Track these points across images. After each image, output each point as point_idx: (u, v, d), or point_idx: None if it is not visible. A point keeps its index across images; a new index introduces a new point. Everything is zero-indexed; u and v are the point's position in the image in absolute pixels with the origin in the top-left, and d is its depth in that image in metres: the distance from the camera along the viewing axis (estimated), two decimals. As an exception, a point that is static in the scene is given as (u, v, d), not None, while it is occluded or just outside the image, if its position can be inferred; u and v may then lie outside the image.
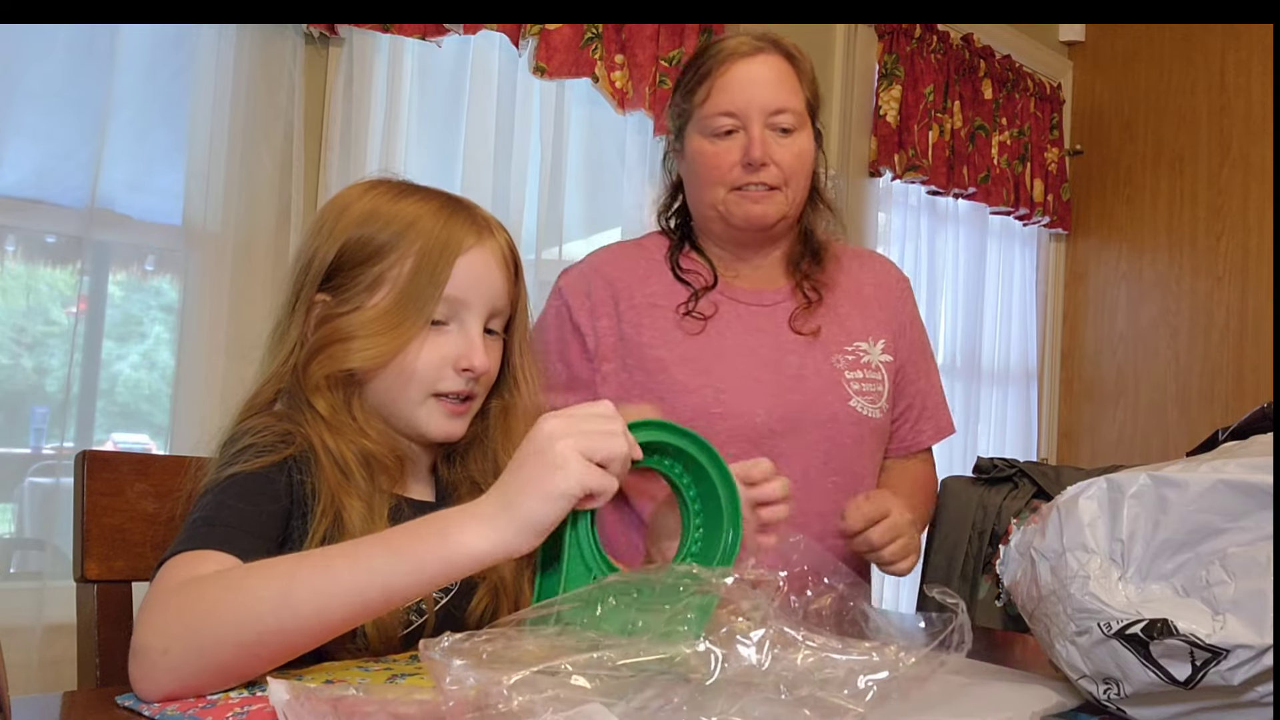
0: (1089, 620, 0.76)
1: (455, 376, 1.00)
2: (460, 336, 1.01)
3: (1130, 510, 0.78)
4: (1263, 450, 0.78)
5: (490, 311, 1.03)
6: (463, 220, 1.03)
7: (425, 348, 0.99)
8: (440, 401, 1.00)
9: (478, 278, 1.01)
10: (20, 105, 1.71)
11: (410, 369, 0.99)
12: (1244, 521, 0.74)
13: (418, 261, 0.99)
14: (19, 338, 1.76)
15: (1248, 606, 0.71)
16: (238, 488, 0.90)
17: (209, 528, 0.85)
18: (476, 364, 0.99)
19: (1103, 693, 0.77)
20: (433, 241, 1.00)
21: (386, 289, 0.98)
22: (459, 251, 1.00)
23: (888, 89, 2.81)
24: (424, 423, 1.01)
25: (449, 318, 1.01)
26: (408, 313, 0.98)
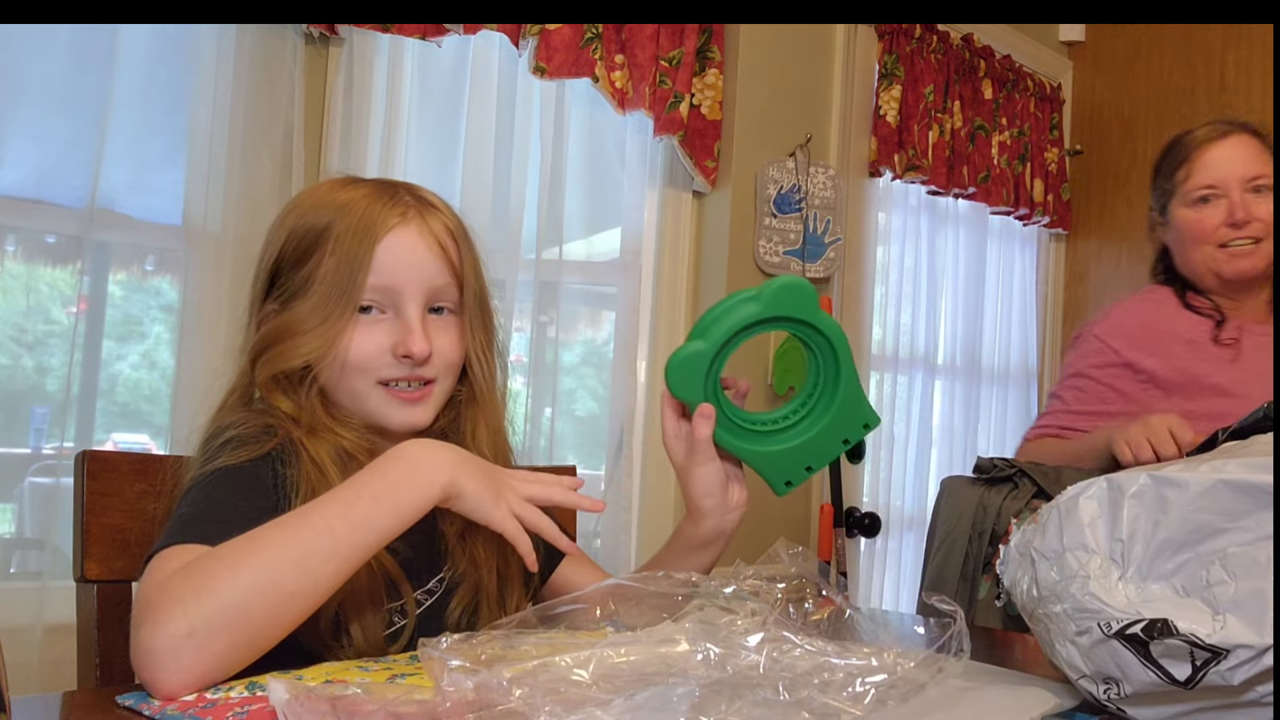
0: (1089, 620, 0.76)
1: (396, 364, 0.98)
2: (396, 322, 0.98)
3: (1130, 510, 0.78)
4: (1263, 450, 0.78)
5: (429, 293, 1.00)
6: (386, 202, 1.00)
7: (360, 337, 0.97)
8: (388, 390, 0.99)
9: (404, 260, 0.98)
10: (20, 105, 1.71)
11: (348, 360, 0.97)
12: (1244, 521, 0.74)
13: (339, 250, 0.97)
14: (19, 338, 1.76)
15: (1248, 606, 0.71)
16: (227, 482, 0.90)
17: (201, 523, 0.85)
18: (414, 349, 0.97)
19: (1103, 693, 0.77)
20: (353, 228, 0.97)
21: (317, 284, 0.97)
22: (380, 235, 0.97)
23: (888, 89, 2.81)
24: (378, 413, 0.99)
25: (383, 304, 0.98)
26: (335, 304, 0.96)
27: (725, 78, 2.43)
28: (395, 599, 0.96)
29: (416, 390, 1.00)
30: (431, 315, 1.01)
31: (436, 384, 1.01)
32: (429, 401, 1.01)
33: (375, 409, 0.99)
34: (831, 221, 2.61)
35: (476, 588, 1.01)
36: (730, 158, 2.47)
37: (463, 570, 1.02)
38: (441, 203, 1.06)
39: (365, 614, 0.92)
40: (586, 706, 0.58)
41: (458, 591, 1.01)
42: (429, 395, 1.01)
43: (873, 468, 2.90)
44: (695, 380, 1.02)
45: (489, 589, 1.02)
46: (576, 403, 2.47)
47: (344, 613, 0.91)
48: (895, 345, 2.96)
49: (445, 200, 1.07)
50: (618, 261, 2.40)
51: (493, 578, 1.02)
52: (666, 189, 2.47)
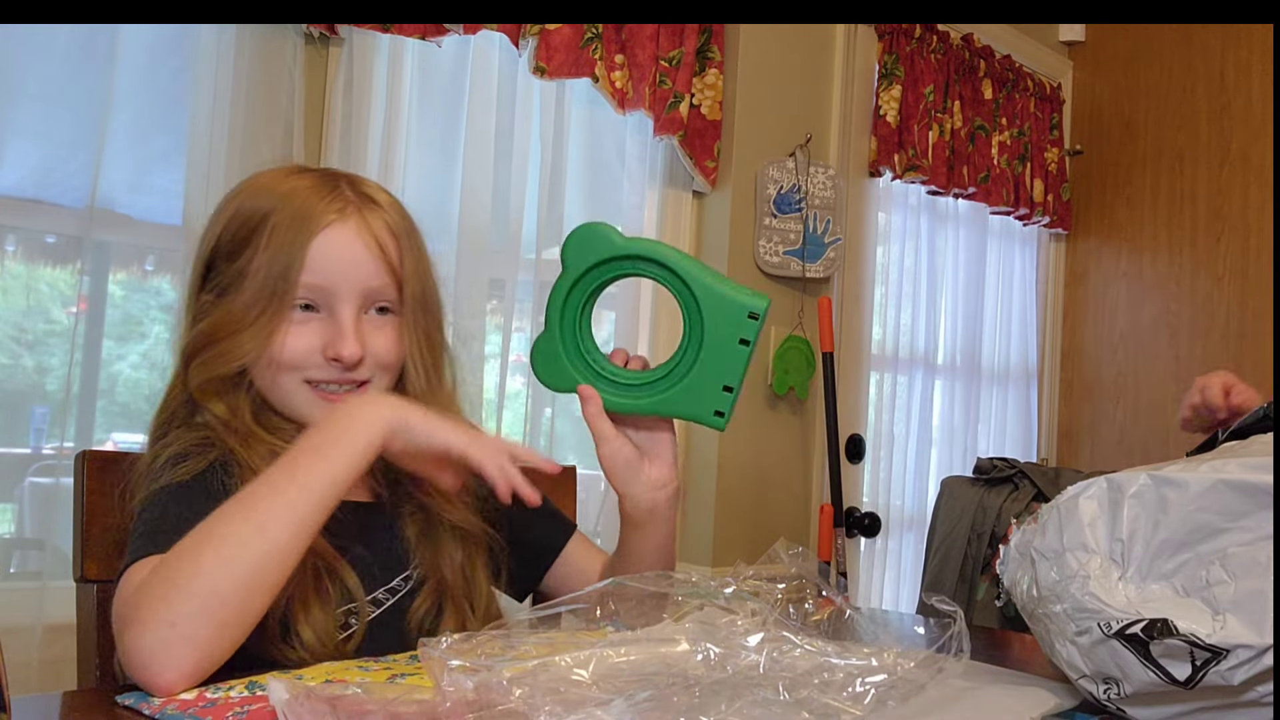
0: (1089, 620, 0.76)
1: (325, 365, 0.95)
2: (329, 322, 0.95)
3: (1130, 510, 0.78)
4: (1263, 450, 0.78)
5: (364, 294, 0.96)
6: (325, 196, 0.96)
7: (292, 335, 0.94)
8: (316, 391, 0.96)
9: (339, 259, 0.95)
10: (20, 105, 1.70)
11: (277, 358, 0.94)
12: (1244, 521, 0.74)
13: (273, 245, 0.93)
14: (19, 337, 1.76)
15: (1248, 606, 0.71)
16: (178, 497, 0.89)
17: (163, 534, 0.83)
18: (344, 353, 0.94)
19: (1103, 693, 0.77)
20: (288, 221, 0.94)
21: (250, 278, 0.93)
22: (315, 231, 0.94)
23: (888, 89, 2.81)
24: (304, 413, 0.96)
25: (316, 303, 0.95)
26: (269, 302, 0.93)
27: (725, 78, 2.43)
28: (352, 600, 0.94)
29: (346, 392, 0.97)
30: (370, 315, 0.98)
31: (371, 385, 0.98)
32: None
33: (302, 408, 0.96)
34: (831, 221, 2.61)
35: (440, 588, 0.99)
36: (730, 158, 2.47)
37: (426, 570, 1.00)
38: (386, 198, 1.03)
39: (313, 614, 0.90)
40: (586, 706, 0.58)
41: (421, 592, 0.99)
42: (360, 396, 0.97)
43: (873, 468, 2.90)
44: (559, 369, 1.03)
45: (454, 590, 1.00)
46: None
47: (291, 615, 0.89)
48: (895, 345, 2.96)
49: (393, 195, 1.05)
50: (618, 261, 2.40)
51: (458, 578, 1.00)
52: (666, 189, 2.47)
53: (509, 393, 2.19)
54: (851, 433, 2.77)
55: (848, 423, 2.71)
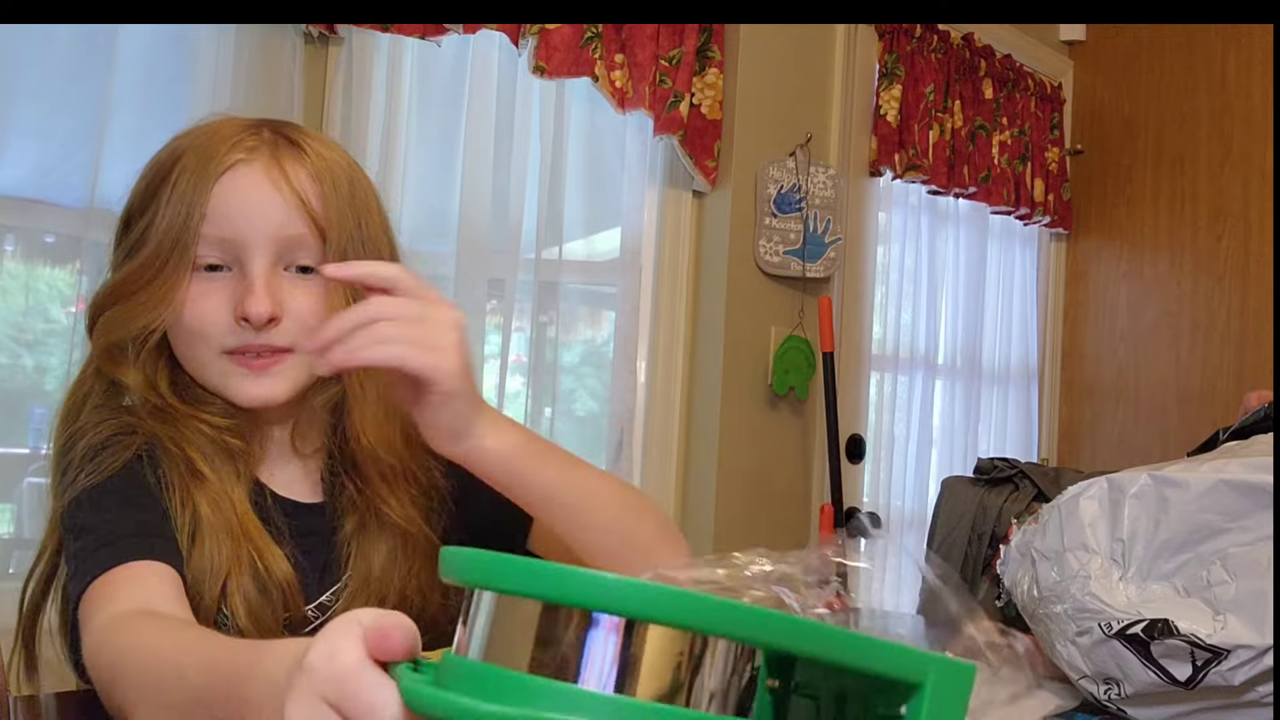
0: (1090, 620, 0.76)
1: (238, 329, 0.83)
2: (238, 281, 0.83)
3: (1131, 510, 0.78)
4: (1263, 450, 0.78)
5: (277, 245, 0.83)
6: (233, 138, 0.84)
7: (202, 298, 0.83)
8: (232, 359, 0.84)
9: (245, 206, 0.83)
10: (20, 105, 1.70)
11: (187, 325, 0.83)
12: (1245, 521, 0.74)
13: (174, 195, 0.83)
14: (18, 337, 1.76)
15: (1248, 606, 0.71)
16: (107, 500, 0.80)
17: (105, 548, 0.77)
18: (250, 311, 0.81)
19: (1103, 693, 0.77)
20: (190, 167, 0.83)
21: (153, 234, 0.83)
22: (216, 174, 0.82)
23: (888, 88, 2.81)
24: (221, 386, 0.85)
25: (226, 261, 0.84)
26: (167, 257, 0.82)
27: (725, 77, 2.43)
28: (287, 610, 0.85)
29: (267, 357, 0.84)
30: (291, 274, 0.85)
31: (296, 354, 0.85)
32: (281, 371, 0.85)
33: (218, 381, 0.85)
34: (832, 221, 2.61)
35: (370, 595, 0.88)
36: (730, 157, 2.47)
37: (357, 579, 0.89)
38: (313, 141, 0.89)
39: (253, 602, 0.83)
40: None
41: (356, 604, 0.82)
42: (282, 363, 0.85)
43: (873, 468, 2.90)
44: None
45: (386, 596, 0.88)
46: (576, 403, 2.47)
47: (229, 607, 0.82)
48: (895, 345, 2.96)
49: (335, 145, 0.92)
50: (618, 261, 2.40)
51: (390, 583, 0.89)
52: (666, 189, 2.47)
53: (509, 393, 2.19)
54: (852, 433, 2.77)
55: (848, 423, 2.71)
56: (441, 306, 0.79)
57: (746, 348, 2.50)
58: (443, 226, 2.10)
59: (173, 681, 0.63)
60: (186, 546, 0.81)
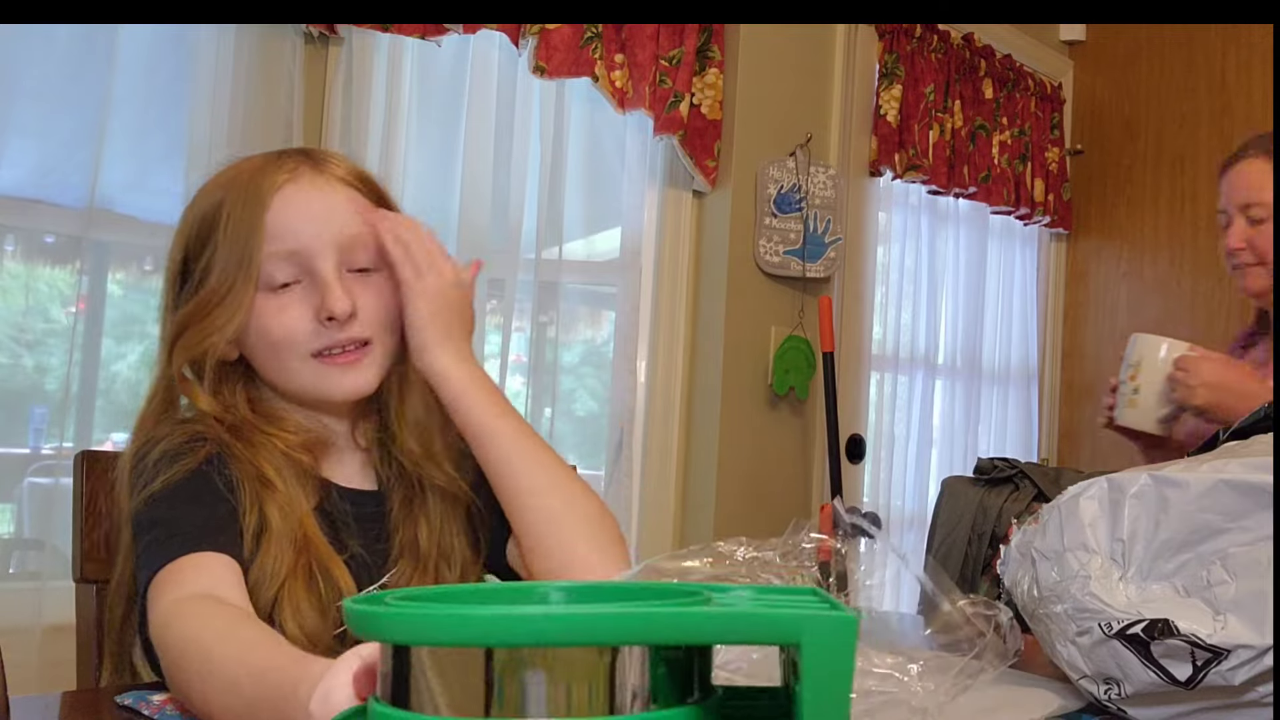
0: (1090, 620, 0.76)
1: (323, 330, 0.91)
2: (311, 288, 0.91)
3: (1131, 510, 0.78)
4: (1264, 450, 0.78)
5: (340, 246, 0.92)
6: (272, 165, 0.93)
7: (281, 312, 0.90)
8: (322, 360, 0.92)
9: (302, 216, 0.91)
10: (20, 105, 1.70)
11: (272, 339, 0.91)
12: (1245, 521, 0.74)
13: (231, 225, 0.90)
14: (18, 337, 1.76)
15: (1249, 606, 0.71)
16: (181, 496, 0.85)
17: (177, 538, 0.82)
18: (335, 308, 0.89)
19: (1103, 693, 0.77)
20: (241, 198, 0.91)
21: (217, 264, 0.90)
22: (268, 196, 0.90)
23: (888, 88, 2.81)
24: (315, 388, 0.93)
25: (295, 274, 0.91)
26: (234, 277, 0.89)
27: (725, 77, 2.43)
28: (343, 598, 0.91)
29: (353, 352, 0.92)
30: (353, 275, 0.93)
31: (374, 344, 0.94)
32: (368, 363, 0.94)
33: (311, 384, 0.93)
34: (832, 221, 2.61)
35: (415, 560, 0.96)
36: (730, 157, 2.47)
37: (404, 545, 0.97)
38: (339, 155, 0.99)
39: (303, 612, 0.87)
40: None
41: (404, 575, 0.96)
42: (367, 356, 0.93)
43: (873, 468, 2.90)
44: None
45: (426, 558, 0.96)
46: (576, 402, 2.47)
47: (279, 614, 0.86)
48: (895, 345, 2.96)
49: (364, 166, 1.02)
50: (618, 261, 2.40)
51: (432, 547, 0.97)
52: (666, 188, 2.47)
53: (509, 393, 2.18)
54: (852, 433, 2.77)
55: (848, 423, 2.71)
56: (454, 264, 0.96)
57: (746, 348, 2.50)
58: (443, 226, 2.10)
59: (230, 688, 0.69)
60: (250, 547, 0.86)
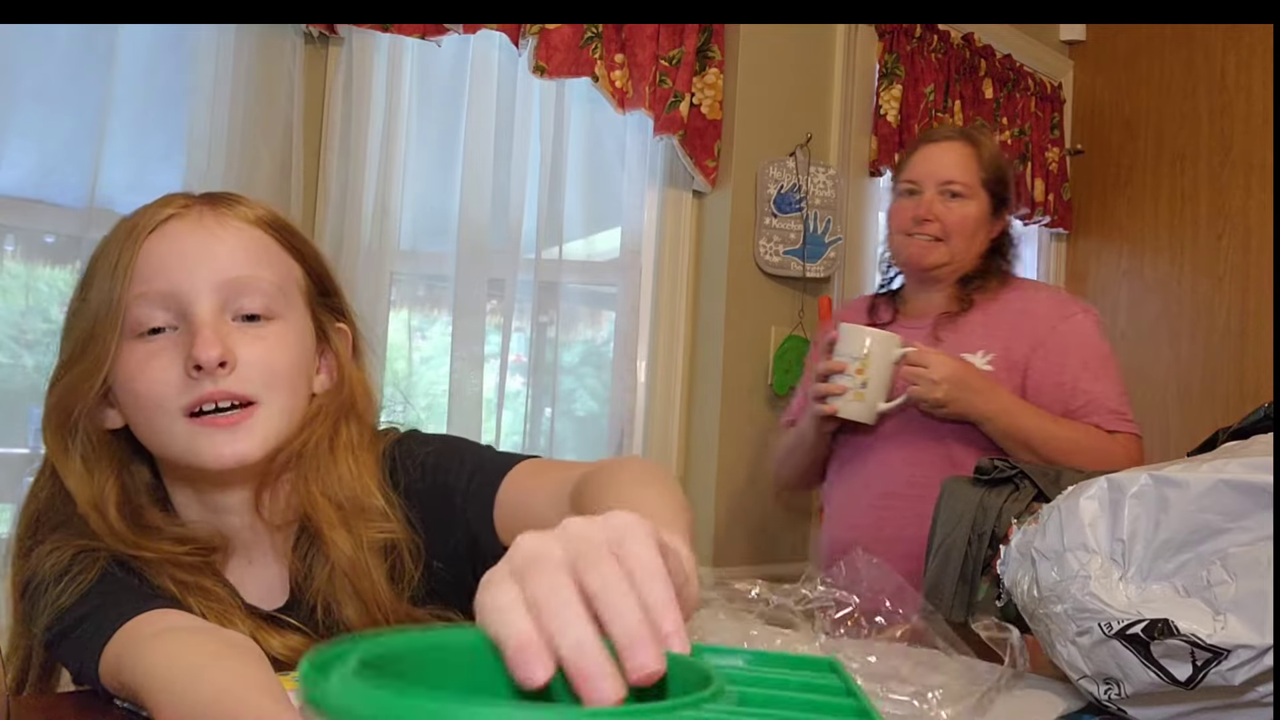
0: (1090, 620, 0.76)
1: (193, 382, 0.78)
2: (185, 333, 0.79)
3: (1131, 510, 0.78)
4: (1263, 450, 0.78)
5: (222, 288, 0.80)
6: (164, 202, 0.83)
7: (148, 361, 0.79)
8: (198, 422, 0.79)
9: (178, 251, 0.80)
10: (20, 105, 1.70)
11: (140, 391, 0.79)
12: (1245, 521, 0.74)
13: (104, 263, 0.81)
14: (18, 337, 1.76)
15: (1249, 606, 0.71)
16: (98, 592, 0.76)
17: (115, 609, 0.74)
18: (200, 355, 0.76)
19: (1103, 693, 0.77)
20: (120, 234, 0.82)
21: (87, 310, 0.80)
22: (146, 229, 0.80)
23: (888, 88, 2.81)
24: (191, 453, 0.79)
25: (168, 320, 0.80)
26: (101, 320, 0.79)
27: (725, 77, 2.43)
28: None
29: (234, 412, 0.79)
30: (240, 323, 0.82)
31: (259, 405, 0.80)
32: (250, 428, 0.80)
33: (184, 449, 0.79)
34: (832, 221, 2.61)
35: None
36: (730, 157, 2.47)
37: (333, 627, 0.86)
38: (252, 201, 0.87)
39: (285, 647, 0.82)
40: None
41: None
42: (249, 418, 0.80)
43: (873, 468, 2.89)
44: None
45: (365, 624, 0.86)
46: (576, 403, 2.47)
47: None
48: (895, 345, 2.96)
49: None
50: (618, 261, 2.40)
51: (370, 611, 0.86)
52: (666, 188, 2.47)
53: (509, 393, 2.18)
54: (852, 433, 2.77)
55: (848, 423, 2.71)
56: None
57: (746, 348, 2.49)
58: (443, 226, 2.10)
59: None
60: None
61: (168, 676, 0.65)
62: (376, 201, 2.00)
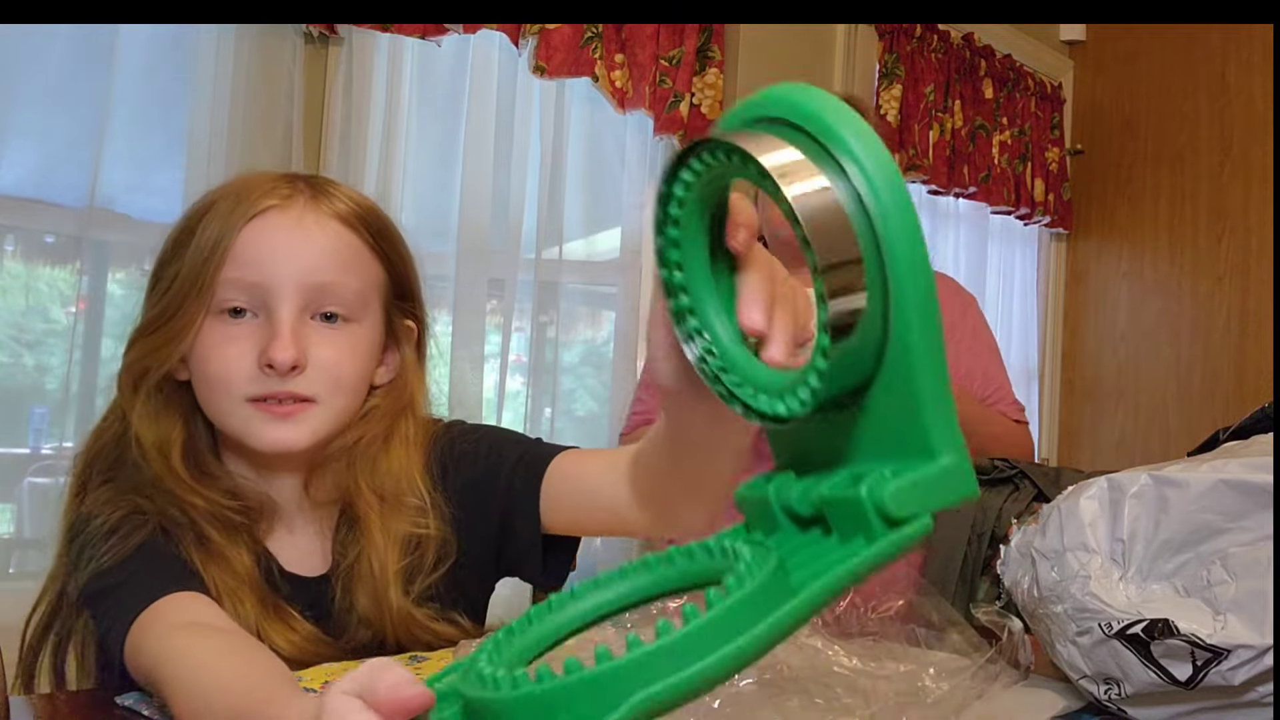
0: (1090, 620, 0.76)
1: (262, 377, 0.81)
2: (264, 327, 0.82)
3: (1131, 510, 0.78)
4: (1263, 450, 0.78)
5: (308, 291, 0.83)
6: (266, 184, 0.84)
7: (225, 345, 0.82)
8: (257, 406, 0.82)
9: (271, 247, 0.82)
10: (20, 105, 1.70)
11: (212, 373, 0.82)
12: (1245, 521, 0.74)
13: (202, 238, 0.82)
14: (18, 337, 1.76)
15: (1249, 606, 0.71)
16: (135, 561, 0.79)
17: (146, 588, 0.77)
18: (275, 357, 0.80)
19: (1103, 693, 0.77)
20: (221, 211, 0.82)
21: (178, 279, 0.82)
22: (245, 217, 0.82)
23: (888, 88, 2.81)
24: (242, 432, 0.83)
25: (251, 305, 0.82)
26: (185, 297, 0.81)
27: (725, 77, 2.43)
28: None
29: (290, 404, 0.83)
30: (317, 322, 0.84)
31: (317, 404, 0.84)
32: (304, 420, 0.83)
33: (240, 429, 0.83)
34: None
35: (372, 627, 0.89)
36: (730, 157, 2.47)
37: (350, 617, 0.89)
38: (347, 191, 0.89)
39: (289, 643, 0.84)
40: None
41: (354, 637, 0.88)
42: (304, 412, 0.83)
43: (873, 468, 2.90)
44: None
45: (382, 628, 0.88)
46: (576, 402, 2.47)
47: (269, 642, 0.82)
48: (895, 345, 2.96)
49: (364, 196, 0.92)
50: (618, 261, 2.40)
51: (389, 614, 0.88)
52: (667, 189, 2.47)
53: (509, 392, 2.18)
54: (852, 433, 2.76)
55: (848, 423, 2.71)
56: None
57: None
58: (443, 226, 2.10)
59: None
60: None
61: (185, 664, 0.67)
62: (376, 201, 2.00)
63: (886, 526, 0.40)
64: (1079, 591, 0.77)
